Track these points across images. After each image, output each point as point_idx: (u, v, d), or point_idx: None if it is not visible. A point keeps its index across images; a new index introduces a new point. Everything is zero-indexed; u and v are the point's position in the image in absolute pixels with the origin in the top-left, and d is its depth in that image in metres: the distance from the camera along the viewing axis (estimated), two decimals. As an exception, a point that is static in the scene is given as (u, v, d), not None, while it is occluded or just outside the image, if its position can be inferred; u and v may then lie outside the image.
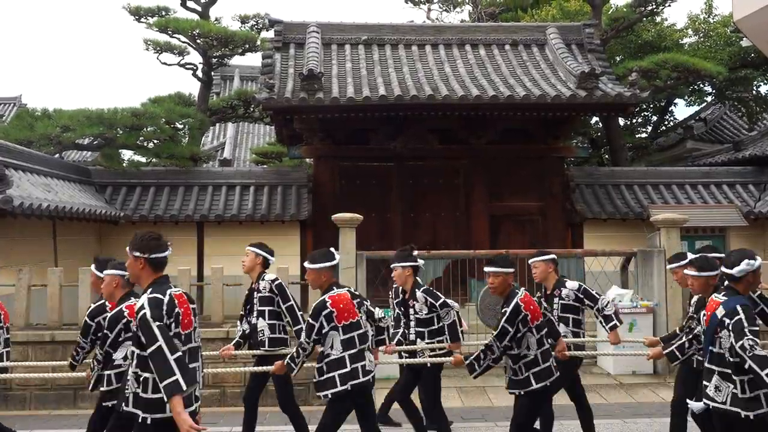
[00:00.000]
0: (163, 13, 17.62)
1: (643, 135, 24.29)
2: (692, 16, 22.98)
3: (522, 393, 5.61)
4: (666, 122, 24.53)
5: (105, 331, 5.56)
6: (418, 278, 6.96)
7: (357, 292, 5.84)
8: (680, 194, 15.62)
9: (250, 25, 18.99)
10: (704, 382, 4.79)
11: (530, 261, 6.98)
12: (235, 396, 9.54)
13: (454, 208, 14.91)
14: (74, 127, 14.31)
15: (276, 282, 6.79)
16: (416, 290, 6.74)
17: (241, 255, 7.29)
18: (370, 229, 12.88)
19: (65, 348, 9.19)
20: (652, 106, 23.59)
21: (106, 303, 5.83)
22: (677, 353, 5.80)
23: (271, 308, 6.74)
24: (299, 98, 13.05)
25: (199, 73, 18.03)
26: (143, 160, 18.44)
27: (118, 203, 14.32)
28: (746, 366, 4.47)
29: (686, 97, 23.83)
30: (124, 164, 16.25)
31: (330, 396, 5.41)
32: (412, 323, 6.81)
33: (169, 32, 16.84)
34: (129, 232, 13.95)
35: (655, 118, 24.46)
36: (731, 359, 4.59)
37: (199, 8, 18.53)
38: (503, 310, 5.59)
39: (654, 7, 19.58)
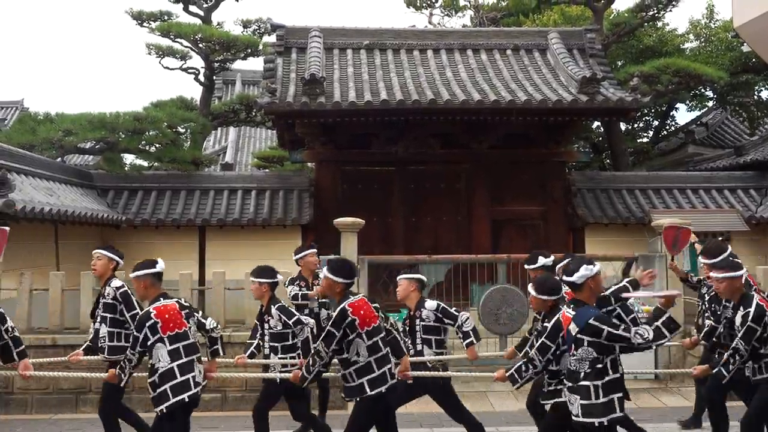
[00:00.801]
0: (166, 17, 17.67)
1: (645, 139, 24.31)
2: (693, 21, 23.02)
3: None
4: (667, 127, 24.54)
5: None
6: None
7: (187, 303, 5.75)
8: (682, 199, 15.61)
9: (253, 29, 19.04)
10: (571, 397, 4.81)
11: (398, 278, 6.84)
12: (236, 401, 9.55)
13: (456, 212, 14.91)
14: (76, 131, 14.34)
15: (121, 290, 6.62)
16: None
17: (242, 259, 7.31)
18: (371, 233, 12.88)
19: (66, 352, 9.13)
20: (653, 110, 23.61)
21: None
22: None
23: (112, 315, 6.59)
24: (301, 103, 13.07)
25: (201, 78, 18.06)
26: (145, 164, 18.48)
27: (120, 207, 14.33)
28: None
29: (687, 102, 23.86)
30: (126, 168, 16.28)
31: (164, 410, 5.29)
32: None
33: (172, 37, 16.88)
34: (131, 237, 14.13)
35: (656, 122, 24.49)
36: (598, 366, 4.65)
37: (201, 13, 18.57)
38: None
39: (655, 12, 19.61)
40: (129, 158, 19.23)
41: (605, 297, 5.76)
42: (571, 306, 4.89)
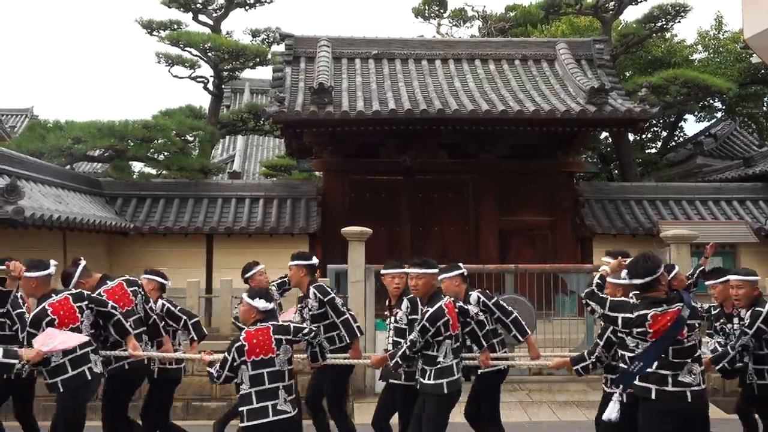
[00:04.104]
0: (175, 26, 17.74)
1: (653, 150, 24.26)
2: (702, 32, 23.03)
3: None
4: (676, 138, 24.50)
5: None
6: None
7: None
8: (690, 210, 15.54)
9: (261, 38, 19.10)
10: None
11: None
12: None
13: (464, 222, 14.90)
14: (85, 139, 14.41)
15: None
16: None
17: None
18: (379, 242, 12.86)
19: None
20: (661, 121, 23.58)
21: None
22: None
23: None
24: (309, 112, 13.10)
25: (210, 86, 18.12)
26: (153, 172, 18.52)
27: (128, 215, 14.36)
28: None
29: (696, 113, 23.83)
30: (135, 176, 16.34)
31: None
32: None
33: (181, 45, 16.95)
34: (139, 244, 14.15)
35: (665, 133, 24.44)
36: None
37: (210, 22, 18.65)
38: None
39: (664, 23, 19.60)
40: (137, 166, 19.32)
41: None
42: None
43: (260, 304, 5.47)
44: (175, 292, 8.74)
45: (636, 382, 4.70)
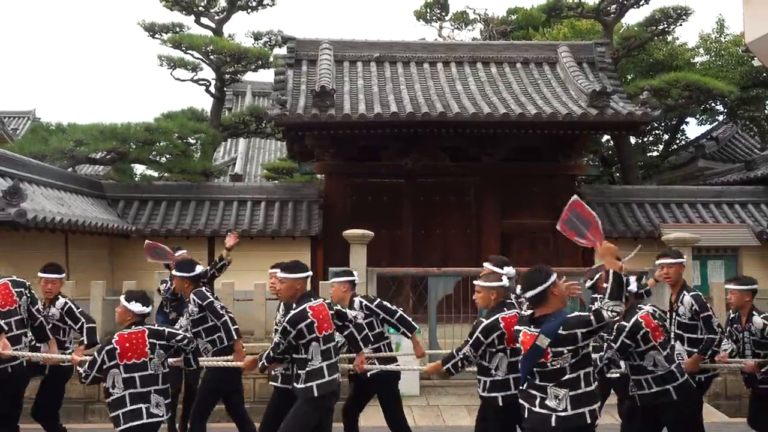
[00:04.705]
0: (177, 29, 17.81)
1: (655, 153, 24.27)
2: (704, 35, 23.05)
3: None
4: (677, 141, 24.51)
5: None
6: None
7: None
8: (692, 213, 15.54)
9: (263, 41, 19.16)
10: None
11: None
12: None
13: (465, 225, 14.90)
14: (88, 142, 14.44)
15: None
16: None
17: (251, 270, 7.32)
18: (380, 245, 12.88)
19: (76, 361, 9.20)
20: (663, 124, 23.59)
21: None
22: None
23: None
24: (311, 115, 13.11)
25: (212, 89, 18.16)
26: (155, 174, 18.55)
27: (129, 217, 14.38)
28: None
29: (698, 116, 23.83)
30: (137, 178, 16.36)
31: None
32: None
33: (183, 48, 17.00)
34: (140, 246, 14.04)
35: (666, 136, 24.45)
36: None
37: (212, 25, 18.70)
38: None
39: (665, 26, 19.62)
40: (139, 169, 19.36)
41: None
42: None
43: (136, 307, 5.40)
44: (176, 294, 8.75)
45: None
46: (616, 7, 19.16)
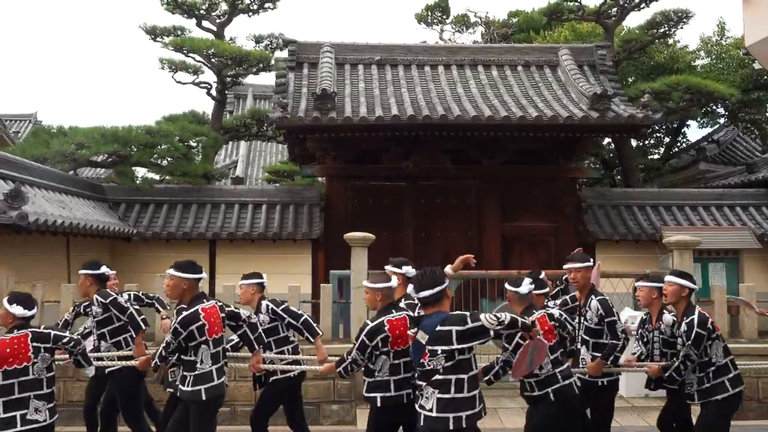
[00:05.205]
0: (179, 32, 17.83)
1: (656, 156, 24.27)
2: (705, 38, 23.07)
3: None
4: (678, 144, 24.51)
5: None
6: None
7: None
8: (693, 216, 15.54)
9: (265, 44, 19.18)
10: None
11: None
12: (245, 414, 9.49)
13: (466, 228, 14.91)
14: (89, 145, 14.44)
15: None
16: None
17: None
18: (381, 248, 12.86)
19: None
20: (664, 127, 23.59)
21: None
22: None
23: None
24: (312, 117, 13.13)
25: (213, 92, 18.18)
26: (157, 177, 18.54)
27: (131, 220, 14.39)
28: None
29: (699, 119, 23.84)
30: (138, 181, 16.36)
31: None
32: None
33: (185, 51, 17.02)
34: (142, 250, 14.18)
35: (667, 139, 24.45)
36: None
37: (214, 28, 18.72)
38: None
39: (666, 29, 19.64)
40: (141, 172, 19.32)
41: None
42: None
43: (17, 310, 5.31)
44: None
45: None
46: (616, 10, 19.20)
